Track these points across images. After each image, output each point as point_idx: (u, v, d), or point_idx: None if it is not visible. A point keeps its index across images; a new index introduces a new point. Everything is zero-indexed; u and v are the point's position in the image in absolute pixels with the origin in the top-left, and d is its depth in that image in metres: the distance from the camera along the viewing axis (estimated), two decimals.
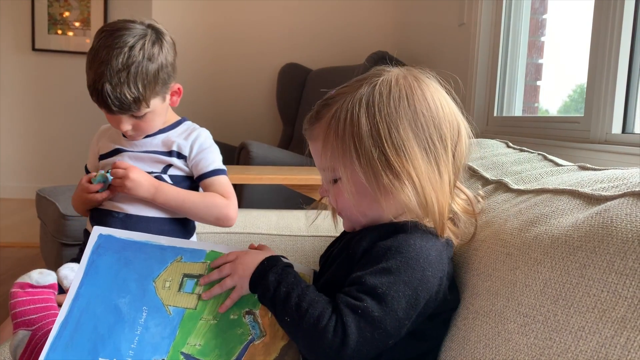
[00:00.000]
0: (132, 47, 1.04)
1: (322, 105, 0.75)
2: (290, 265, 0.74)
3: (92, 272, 0.75)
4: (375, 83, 0.71)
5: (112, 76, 1.03)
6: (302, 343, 0.66)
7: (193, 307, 0.74)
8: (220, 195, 1.14)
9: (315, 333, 0.63)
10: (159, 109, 1.12)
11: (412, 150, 0.68)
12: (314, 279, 0.82)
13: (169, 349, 0.70)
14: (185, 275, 0.76)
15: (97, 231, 0.79)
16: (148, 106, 1.08)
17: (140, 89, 1.04)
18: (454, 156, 0.72)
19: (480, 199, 0.81)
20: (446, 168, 0.71)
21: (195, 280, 0.76)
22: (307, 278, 0.80)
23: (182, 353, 0.71)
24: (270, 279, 0.70)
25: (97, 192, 1.11)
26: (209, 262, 0.77)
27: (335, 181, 0.74)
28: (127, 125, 1.11)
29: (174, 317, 0.73)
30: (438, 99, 0.72)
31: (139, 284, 0.75)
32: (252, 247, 0.84)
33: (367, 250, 0.70)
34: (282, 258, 0.78)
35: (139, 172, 1.09)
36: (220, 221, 1.14)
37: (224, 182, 1.17)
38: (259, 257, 0.74)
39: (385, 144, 0.68)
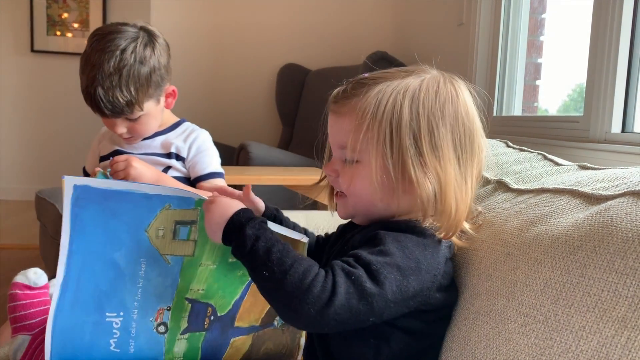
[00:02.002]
0: (123, 50, 1.03)
1: (358, 83, 0.72)
2: (265, 221, 0.69)
3: (78, 227, 0.70)
4: (424, 78, 0.71)
5: (104, 80, 1.02)
6: (280, 300, 0.62)
7: (191, 254, 0.71)
8: None
9: (300, 288, 0.60)
10: (154, 112, 1.12)
11: (447, 153, 0.68)
12: None
13: (173, 296, 0.70)
14: (178, 223, 0.72)
15: (70, 182, 0.71)
16: (142, 109, 1.08)
17: (133, 92, 1.04)
18: (478, 171, 0.73)
19: (479, 213, 0.80)
20: (471, 182, 0.71)
21: (189, 227, 0.72)
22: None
23: (186, 299, 0.70)
24: (248, 232, 0.65)
25: None
26: (199, 208, 0.73)
27: (353, 162, 0.71)
28: (122, 128, 1.10)
29: (174, 266, 0.71)
30: (474, 113, 0.72)
31: (131, 234, 0.71)
32: (221, 192, 0.82)
33: (365, 238, 0.69)
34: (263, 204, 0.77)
35: (139, 160, 1.08)
36: None
37: (219, 186, 1.16)
38: (231, 207, 0.69)
39: (423, 140, 0.67)
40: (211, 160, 1.17)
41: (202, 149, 1.17)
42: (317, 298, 0.59)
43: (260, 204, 0.86)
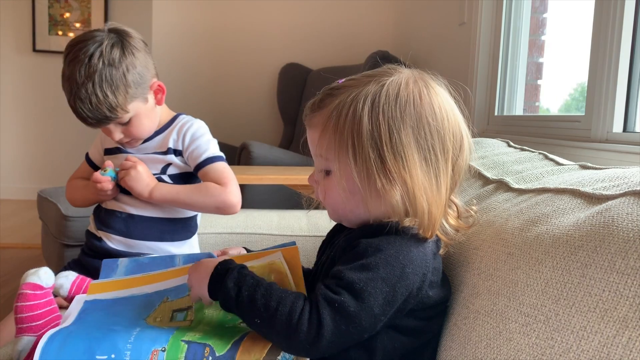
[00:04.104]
0: (91, 56, 1.02)
1: (326, 94, 0.73)
2: (244, 267, 0.71)
3: (79, 321, 0.74)
4: (384, 82, 0.70)
5: (79, 90, 1.01)
6: (276, 340, 0.66)
7: (188, 325, 0.74)
8: (215, 184, 1.11)
9: (290, 328, 0.63)
10: (144, 111, 1.10)
11: (411, 157, 0.67)
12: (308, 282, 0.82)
13: (169, 339, 0.69)
14: (175, 311, 0.76)
15: (81, 299, 0.77)
16: (127, 111, 1.06)
17: (110, 96, 1.02)
18: (453, 169, 0.71)
19: (473, 213, 0.79)
20: (445, 180, 0.70)
21: (185, 312, 0.75)
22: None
23: (182, 340, 0.69)
24: (229, 285, 0.67)
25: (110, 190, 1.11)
26: None
27: (327, 173, 0.73)
28: (118, 134, 1.09)
29: (171, 327, 0.73)
30: (445, 109, 0.71)
31: (129, 322, 0.74)
32: (218, 254, 0.85)
33: (349, 246, 0.70)
34: (244, 249, 0.80)
35: (145, 168, 1.09)
36: (221, 210, 1.12)
37: (220, 169, 1.13)
38: (210, 264, 0.72)
39: (385, 147, 0.67)
40: (208, 146, 1.15)
41: (196, 136, 1.15)
42: (306, 335, 0.63)
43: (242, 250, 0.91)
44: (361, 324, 0.64)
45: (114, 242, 1.15)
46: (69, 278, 0.85)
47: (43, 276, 0.76)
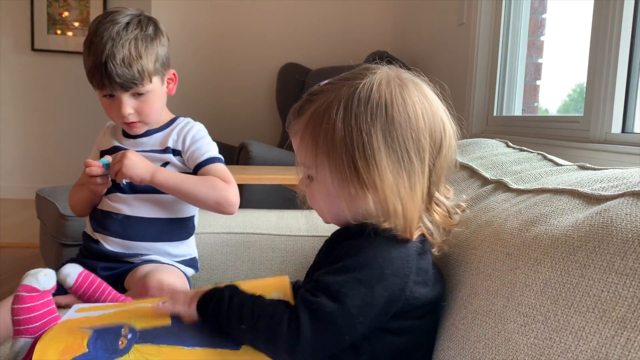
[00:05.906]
0: (128, 23, 1.06)
1: (306, 100, 0.74)
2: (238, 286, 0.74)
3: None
4: (357, 86, 0.69)
5: (115, 46, 1.04)
6: (260, 344, 0.67)
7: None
8: (220, 179, 1.12)
9: (271, 329, 0.65)
10: (159, 91, 1.12)
11: (380, 161, 0.67)
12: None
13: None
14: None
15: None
16: (150, 81, 1.08)
17: (143, 58, 1.06)
18: (431, 169, 0.70)
19: (459, 211, 0.78)
20: (420, 181, 0.69)
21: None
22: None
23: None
24: (226, 292, 0.70)
25: (99, 178, 1.09)
26: None
27: (311, 179, 0.74)
28: (128, 107, 1.09)
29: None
30: (420, 109, 0.69)
31: None
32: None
33: (332, 250, 0.71)
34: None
35: (136, 154, 1.08)
36: (220, 206, 1.12)
37: (222, 169, 1.15)
38: (193, 291, 0.73)
39: (356, 152, 0.67)
40: (209, 147, 1.16)
41: (196, 137, 1.16)
42: (286, 338, 0.64)
43: None
44: (337, 325, 0.64)
45: (111, 244, 1.15)
46: (75, 269, 0.85)
47: (42, 279, 0.74)
